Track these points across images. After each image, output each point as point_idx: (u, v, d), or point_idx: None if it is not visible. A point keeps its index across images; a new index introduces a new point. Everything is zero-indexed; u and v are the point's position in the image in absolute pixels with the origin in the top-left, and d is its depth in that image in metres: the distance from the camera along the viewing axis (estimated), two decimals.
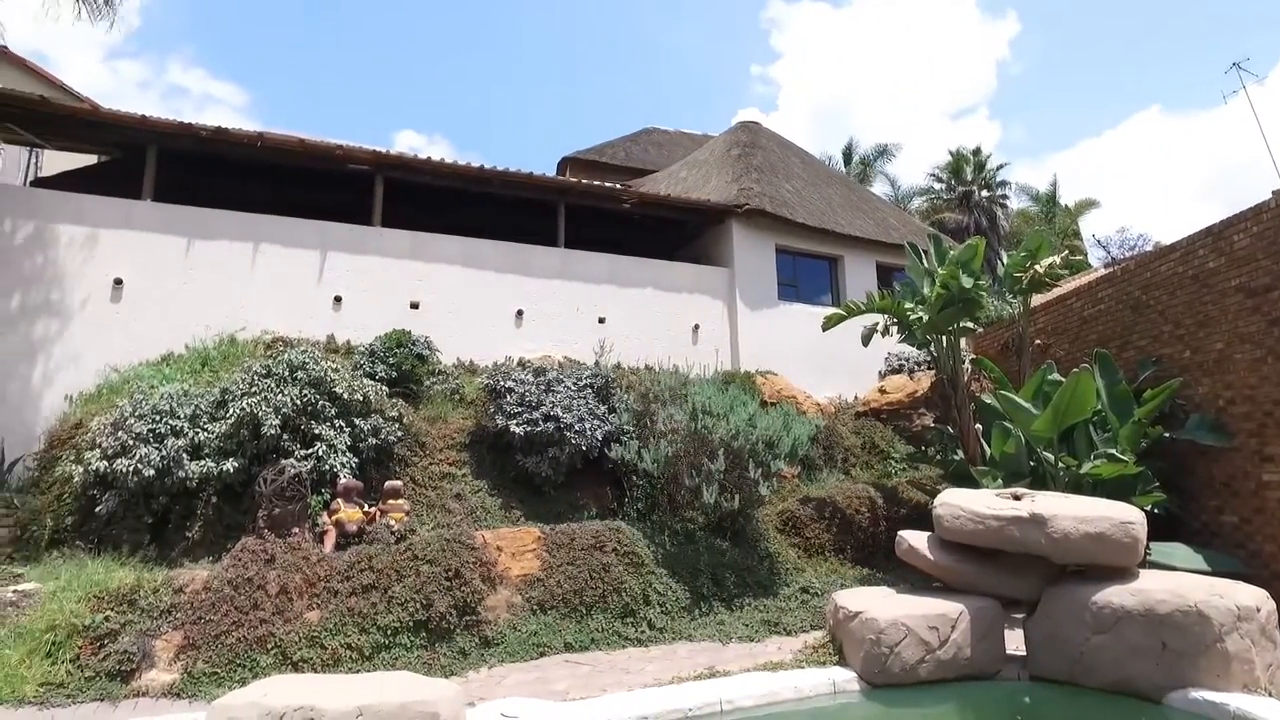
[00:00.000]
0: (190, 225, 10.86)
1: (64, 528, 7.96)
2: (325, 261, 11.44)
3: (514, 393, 9.58)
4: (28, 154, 14.23)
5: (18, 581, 6.99)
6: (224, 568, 6.90)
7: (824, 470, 11.52)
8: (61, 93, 14.76)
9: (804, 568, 9.33)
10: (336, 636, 6.62)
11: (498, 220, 13.43)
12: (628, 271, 13.45)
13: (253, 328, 10.68)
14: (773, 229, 14.57)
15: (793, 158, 17.44)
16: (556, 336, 12.39)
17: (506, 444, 9.46)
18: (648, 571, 8.14)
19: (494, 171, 12.66)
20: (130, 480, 7.61)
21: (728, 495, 8.81)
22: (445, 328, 11.43)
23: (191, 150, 11.40)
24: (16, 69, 13.19)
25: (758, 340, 13.89)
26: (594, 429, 9.43)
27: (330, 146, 11.91)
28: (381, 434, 8.78)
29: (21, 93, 10.46)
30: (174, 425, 8.02)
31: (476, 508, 8.98)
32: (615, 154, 22.11)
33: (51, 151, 13.54)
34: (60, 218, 10.31)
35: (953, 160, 30.86)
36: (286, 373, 8.54)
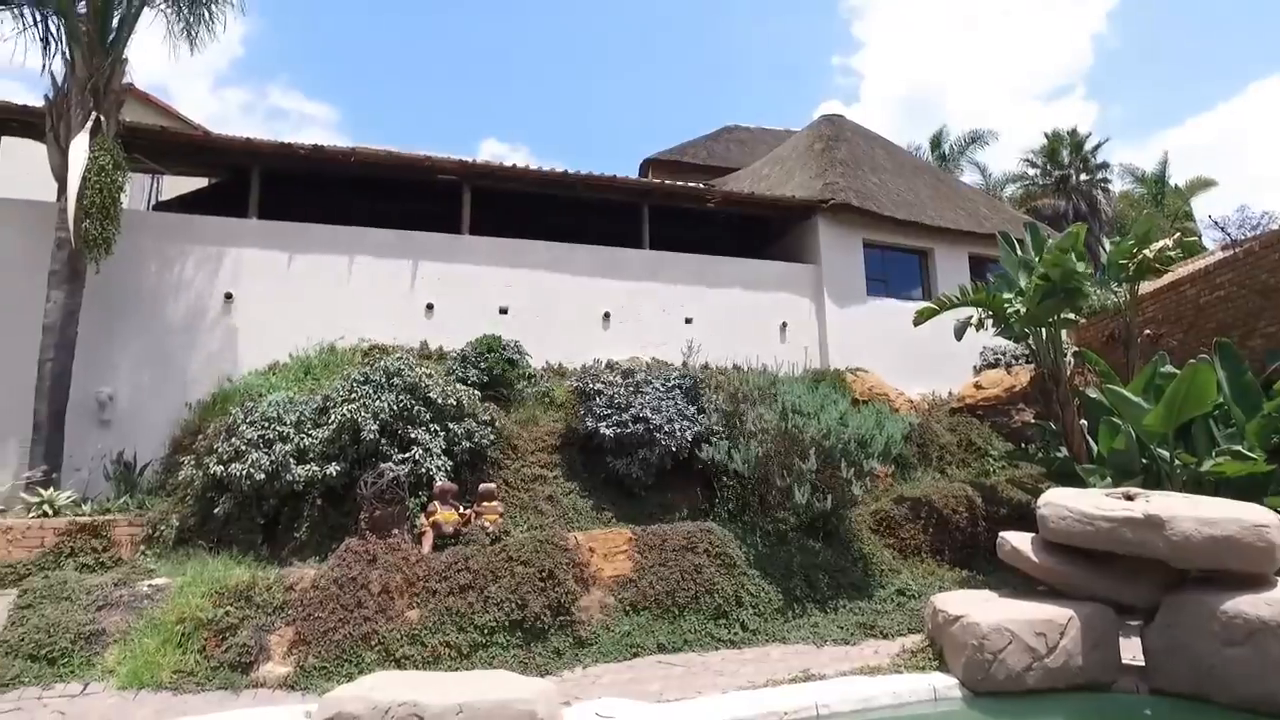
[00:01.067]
0: (291, 240, 11.42)
1: (187, 527, 8.49)
2: (417, 270, 11.84)
3: (603, 395, 9.69)
4: (150, 180, 15.25)
5: (151, 577, 7.53)
6: (330, 567, 7.23)
7: (918, 469, 11.21)
8: (177, 121, 15.76)
9: (899, 569, 9.10)
10: (436, 635, 6.83)
11: (583, 224, 13.60)
12: (713, 271, 13.40)
13: (350, 336, 11.14)
14: (859, 223, 14.27)
15: (878, 149, 17.02)
16: (644, 338, 12.46)
17: (597, 446, 9.57)
18: (740, 573, 8.10)
19: (578, 176, 12.83)
20: (243, 484, 8.07)
21: (820, 495, 8.68)
22: (534, 332, 11.65)
23: (291, 168, 12.00)
24: (140, 103, 14.15)
25: (847, 337, 13.63)
26: (683, 430, 9.44)
27: (419, 158, 12.33)
28: (475, 437, 9.02)
29: (146, 125, 11.27)
30: (281, 431, 8.44)
31: (568, 509, 9.13)
32: (697, 154, 22.05)
33: (169, 176, 14.47)
34: (178, 238, 11.02)
35: (1048, 143, 29.44)
36: (383, 379, 8.88)
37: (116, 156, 9.79)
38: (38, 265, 9.74)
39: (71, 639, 6.47)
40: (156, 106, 16.24)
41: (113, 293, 10.36)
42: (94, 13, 9.96)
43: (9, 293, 9.95)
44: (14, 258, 10.09)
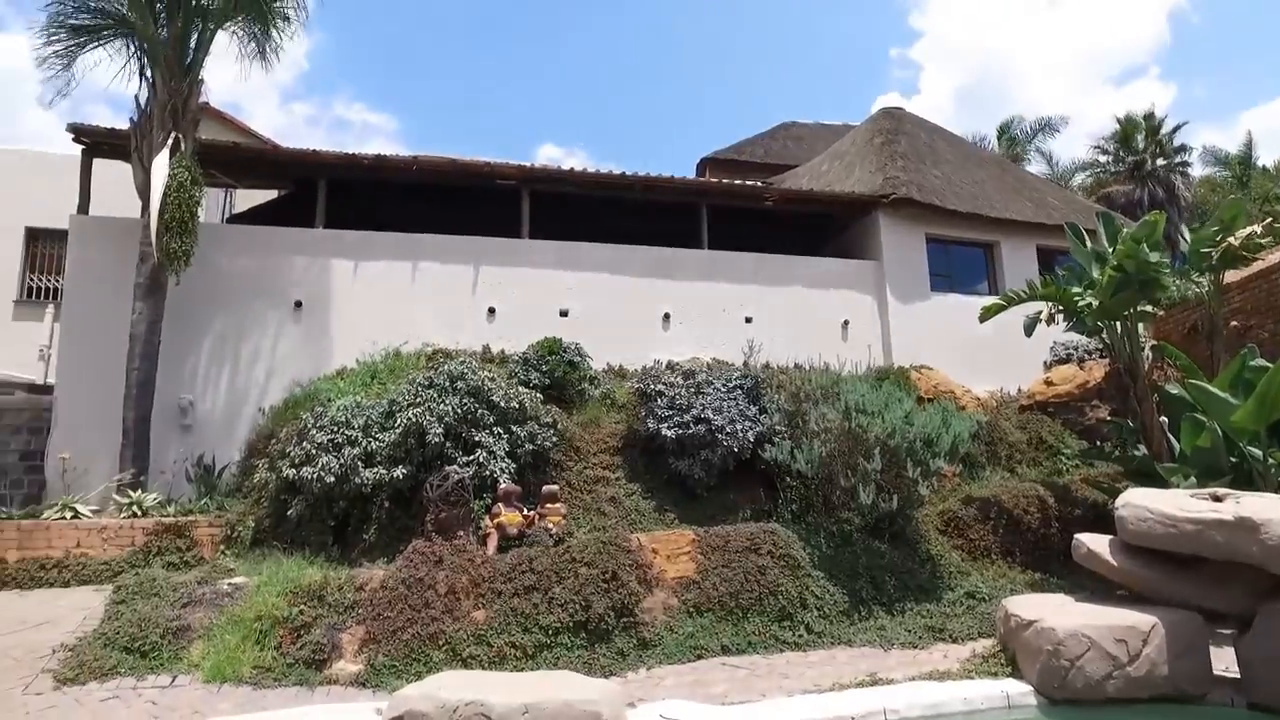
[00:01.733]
0: (357, 248, 11.74)
1: (263, 528, 8.82)
2: (478, 274, 12.04)
3: (664, 396, 9.71)
4: (224, 194, 15.90)
5: (230, 575, 7.83)
6: (397, 568, 7.38)
7: (987, 468, 10.91)
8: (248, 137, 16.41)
9: (969, 571, 8.88)
10: (501, 635, 6.91)
11: (641, 225, 13.64)
12: (773, 270, 13.29)
13: (415, 341, 11.38)
14: (922, 217, 13.97)
15: (940, 141, 16.63)
16: (704, 338, 12.43)
17: (659, 447, 9.58)
18: (804, 574, 8.01)
19: (635, 177, 12.89)
20: (314, 486, 8.33)
21: (885, 496, 8.53)
22: (594, 333, 11.71)
23: (355, 178, 12.34)
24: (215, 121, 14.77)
25: (910, 334, 13.36)
26: (745, 430, 9.38)
27: (478, 164, 12.55)
28: (537, 440, 9.12)
29: (221, 142, 11.78)
30: (349, 435, 8.67)
31: (631, 511, 9.17)
32: (754, 152, 21.89)
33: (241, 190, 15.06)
34: (251, 249, 11.46)
35: (1121, 128, 28.25)
36: (447, 383, 9.05)
37: (194, 173, 10.23)
38: (125, 279, 10.24)
39: (160, 633, 6.77)
40: (229, 123, 16.92)
41: (191, 303, 10.83)
42: (174, 39, 10.43)
43: (101, 306, 10.48)
44: (105, 272, 10.62)
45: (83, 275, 10.80)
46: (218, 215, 15.60)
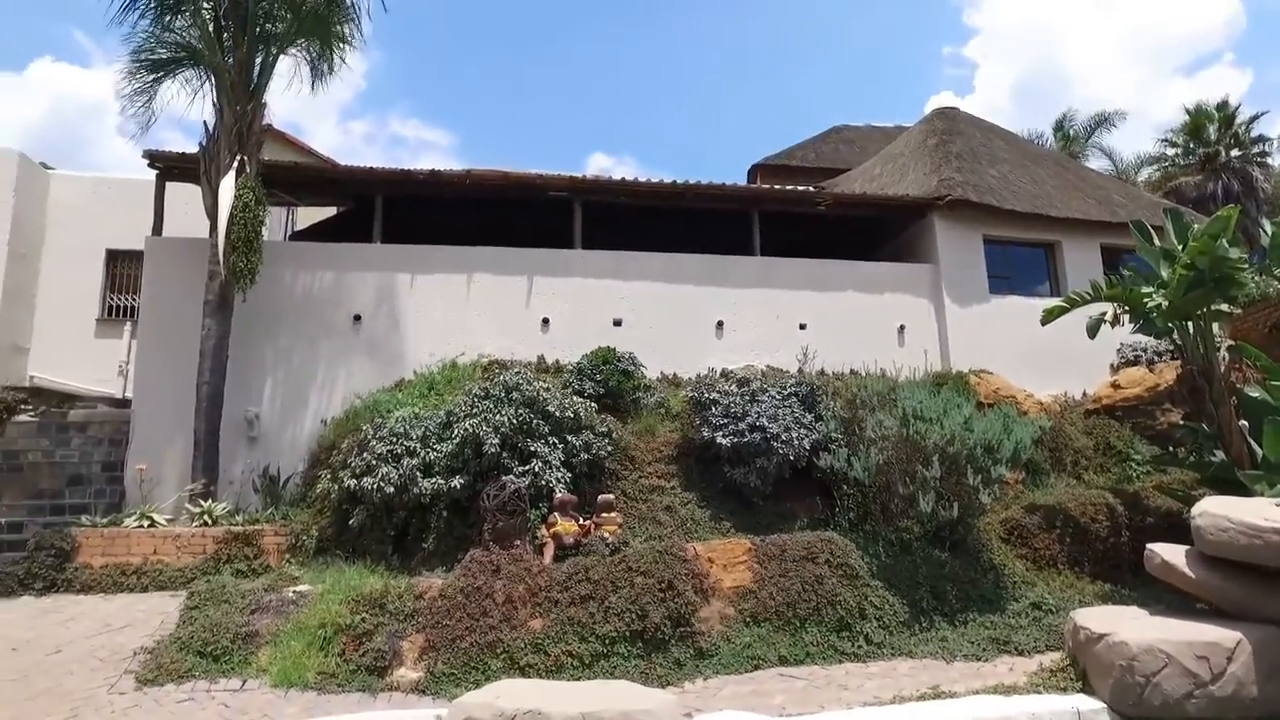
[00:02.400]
0: (413, 261, 12.00)
1: (326, 537, 9.06)
2: (532, 285, 12.19)
3: (719, 404, 9.67)
4: (286, 212, 16.44)
5: (295, 583, 8.07)
6: (456, 577, 7.49)
7: (1051, 475, 10.58)
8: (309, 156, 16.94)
9: (1034, 581, 8.60)
10: (558, 644, 6.93)
11: (693, 233, 13.66)
12: (826, 275, 13.15)
13: (470, 352, 11.57)
14: (978, 219, 13.67)
15: (996, 140, 16.28)
16: (758, 345, 12.36)
17: (714, 455, 9.55)
18: (862, 584, 7.87)
19: (686, 185, 12.91)
20: (375, 497, 8.52)
21: (945, 504, 8.34)
22: (648, 342, 11.75)
23: (411, 193, 12.62)
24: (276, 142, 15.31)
25: (968, 338, 13.06)
26: (800, 438, 9.29)
27: (531, 177, 12.73)
28: (592, 449, 9.16)
29: (283, 162, 12.22)
30: (408, 446, 8.85)
31: (686, 520, 9.14)
32: (805, 156, 21.73)
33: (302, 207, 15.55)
34: (312, 265, 11.81)
35: (1190, 119, 27.15)
36: (503, 394, 9.18)
37: (258, 193, 10.60)
38: (196, 296, 10.66)
39: (231, 639, 7.00)
40: (291, 144, 17.49)
41: (257, 318, 11.21)
42: (239, 65, 10.84)
43: (174, 322, 10.93)
44: (177, 291, 11.07)
45: (157, 294, 11.29)
46: (281, 233, 16.12)
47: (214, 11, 10.81)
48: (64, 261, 14.82)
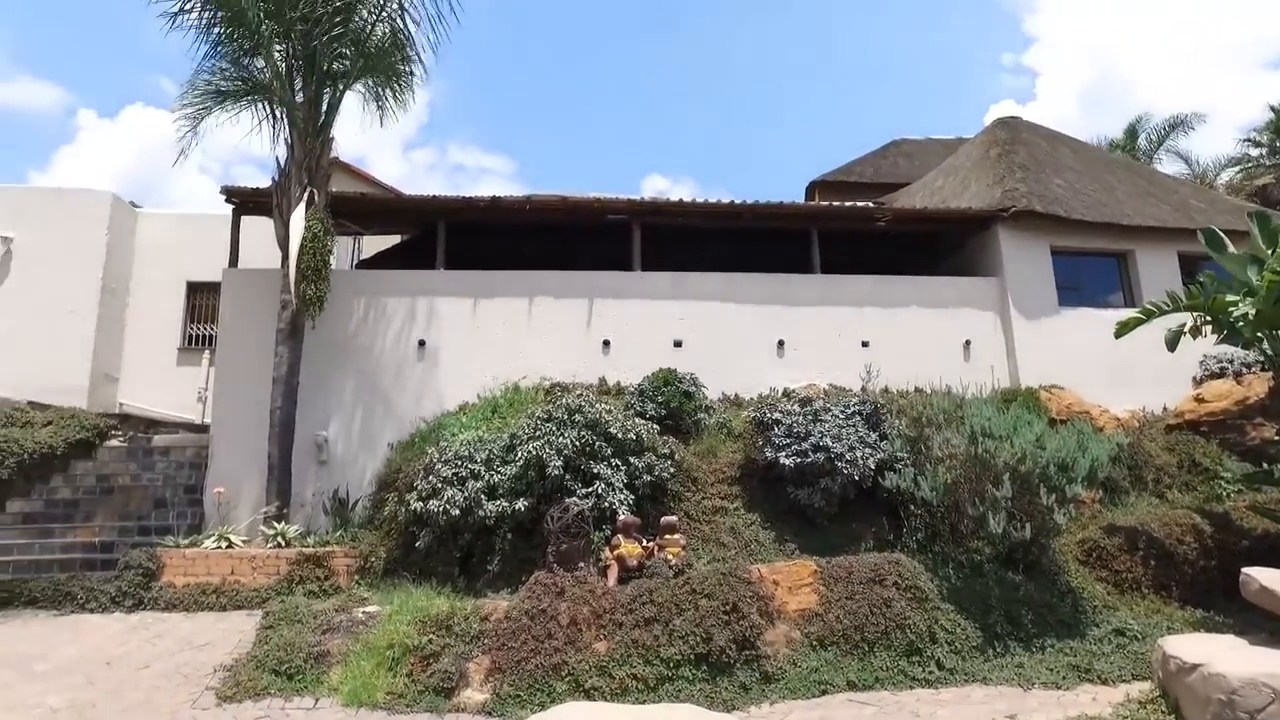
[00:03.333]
0: (475, 287, 12.23)
1: (393, 559, 9.25)
2: (592, 308, 12.30)
3: (781, 424, 9.59)
4: (352, 241, 16.99)
5: (364, 604, 8.24)
6: (520, 599, 7.54)
7: (1130, 493, 10.14)
8: (374, 187, 17.50)
9: (1116, 606, 8.24)
10: (623, 667, 6.92)
11: (751, 252, 13.61)
12: (888, 291, 12.94)
13: (532, 375, 11.71)
14: (1045, 229, 13.30)
15: (1062, 148, 15.84)
16: (819, 364, 12.20)
17: (777, 476, 9.45)
18: (932, 607, 7.66)
19: (744, 205, 12.90)
20: (440, 519, 8.67)
21: (1017, 524, 8.07)
22: (708, 363, 11.72)
23: (473, 220, 12.90)
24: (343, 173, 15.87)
25: (1038, 352, 12.66)
26: (865, 457, 9.13)
27: (589, 201, 12.89)
28: (655, 471, 9.16)
29: (349, 193, 12.64)
30: (473, 469, 8.99)
31: (750, 541, 9.05)
32: (864, 171, 21.51)
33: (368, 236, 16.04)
34: (378, 292, 12.12)
35: (1277, 116, 25.93)
36: (565, 416, 9.25)
37: (326, 224, 10.97)
38: (269, 325, 11.06)
39: (304, 658, 7.19)
40: (357, 175, 18.08)
41: (326, 345, 11.56)
42: (308, 102, 11.29)
43: (249, 350, 11.34)
44: (252, 320, 11.50)
45: (233, 323, 11.75)
46: (348, 261, 16.64)
47: (285, 53, 11.28)
48: (149, 294, 15.59)
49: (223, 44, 11.30)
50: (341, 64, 11.55)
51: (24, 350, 13.83)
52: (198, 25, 10.90)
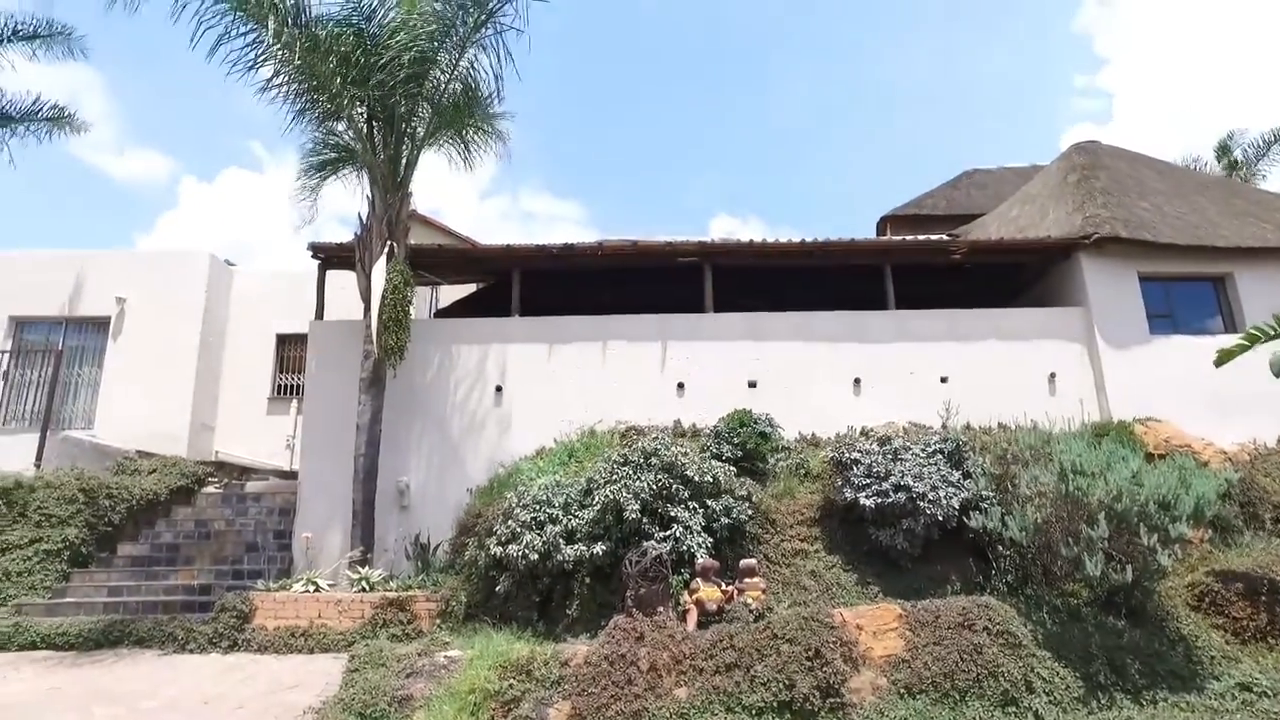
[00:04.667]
0: (549, 332, 12.46)
1: (474, 603, 9.33)
2: (666, 351, 12.36)
3: (860, 464, 9.40)
4: (430, 291, 17.58)
5: (446, 648, 8.32)
6: (600, 644, 7.49)
7: (1245, 533, 9.51)
8: (450, 238, 18.13)
9: (1237, 657, 7.66)
10: (704, 714, 6.79)
11: (823, 290, 13.51)
12: (966, 325, 12.63)
13: (607, 419, 11.80)
14: (1132, 255, 12.81)
15: (1145, 170, 15.28)
16: (897, 401, 11.95)
17: (857, 517, 9.25)
18: (1027, 654, 7.29)
19: (815, 244, 12.85)
20: (520, 563, 8.74)
21: (1116, 566, 7.64)
22: (783, 403, 11.61)
23: (546, 267, 13.20)
24: (421, 225, 16.53)
25: (1129, 383, 12.11)
26: (948, 497, 8.85)
27: (659, 244, 13.04)
28: (733, 513, 9.07)
29: (428, 246, 13.13)
30: (551, 514, 9.06)
31: (831, 584, 8.85)
32: (935, 204, 21.20)
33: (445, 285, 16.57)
34: (456, 340, 12.48)
35: None
36: (641, 460, 9.27)
37: (406, 276, 11.39)
38: (352, 374, 11.49)
39: (388, 702, 7.28)
40: (434, 227, 18.76)
41: (407, 393, 11.92)
42: (388, 160, 11.83)
43: (334, 399, 11.79)
44: (337, 369, 11.97)
45: (319, 373, 12.24)
46: (426, 311, 17.21)
47: (366, 115, 11.88)
48: (241, 347, 16.43)
49: (308, 109, 11.98)
50: (419, 123, 12.08)
51: (133, 402, 14.74)
52: (285, 94, 11.58)
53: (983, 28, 57.69)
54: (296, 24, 10.75)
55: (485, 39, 11.46)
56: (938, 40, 57.11)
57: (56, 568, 10.87)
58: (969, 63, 59.99)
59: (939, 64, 59.36)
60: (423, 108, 11.91)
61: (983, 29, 57.76)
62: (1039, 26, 58.74)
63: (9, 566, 10.61)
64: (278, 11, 10.53)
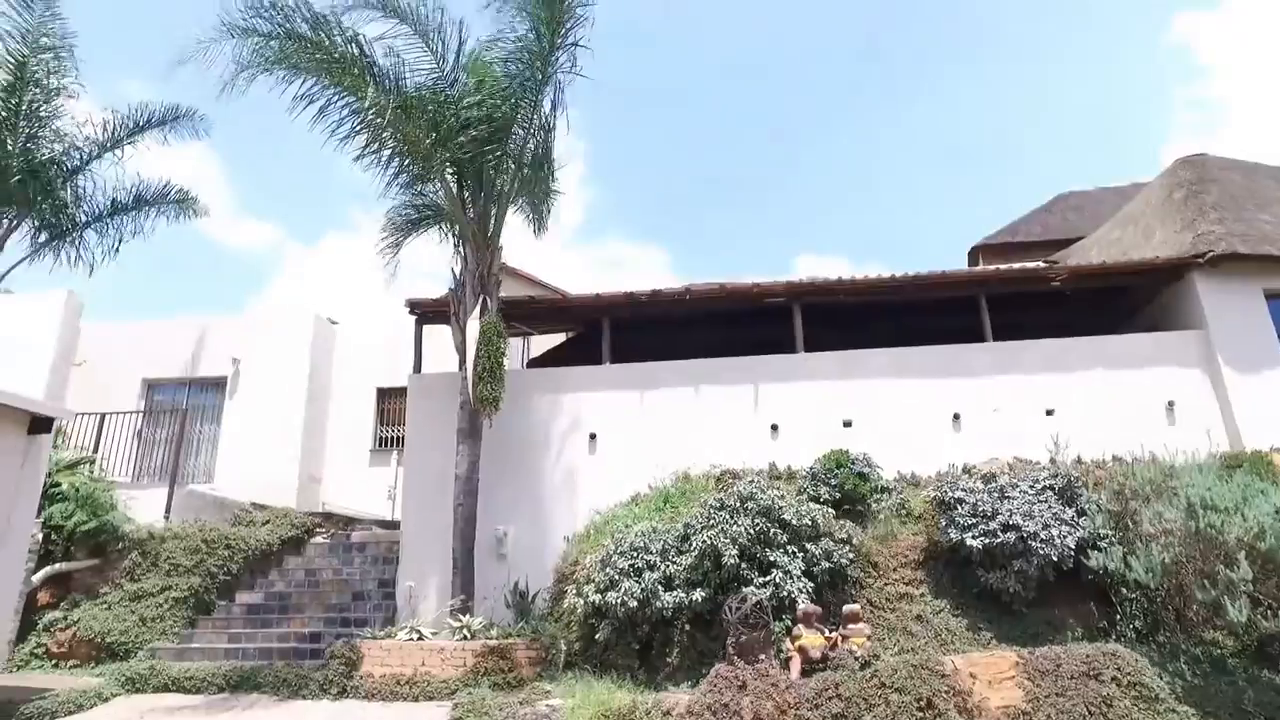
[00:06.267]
0: (640, 379, 12.54)
1: (573, 652, 9.34)
2: (758, 392, 12.24)
3: (964, 503, 9.04)
4: (522, 341, 18.03)
5: (547, 697, 8.34)
6: (702, 693, 7.36)
7: None
8: (539, 288, 18.57)
9: None
10: None
11: (914, 324, 13.19)
12: (1070, 355, 12.04)
13: (701, 463, 11.71)
14: (1254, 272, 12.03)
15: (1263, 180, 14.35)
16: (999, 436, 11.44)
17: (964, 559, 8.88)
18: (1166, 709, 6.77)
19: (905, 278, 12.59)
20: (619, 611, 8.72)
21: (1266, 611, 7.04)
22: (880, 441, 11.29)
23: (634, 314, 13.36)
24: (511, 278, 16.98)
25: (1261, 410, 11.25)
26: (1062, 536, 8.41)
27: (747, 286, 13.02)
28: (833, 557, 8.86)
29: (519, 298, 13.51)
30: (648, 560, 9.04)
31: (940, 630, 8.48)
32: (1029, 230, 20.51)
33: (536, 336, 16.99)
34: (548, 389, 12.70)
35: None
36: (738, 504, 9.16)
37: (499, 327, 11.70)
38: (450, 425, 11.81)
39: None
40: (524, 278, 19.28)
41: (503, 442, 12.13)
42: (478, 217, 12.28)
43: (433, 449, 12.11)
44: (435, 420, 12.31)
45: (419, 424, 12.64)
46: (519, 361, 17.62)
47: (456, 176, 12.40)
48: (345, 401, 17.21)
49: (402, 173, 12.60)
50: (504, 180, 12.54)
51: (248, 456, 15.61)
52: (380, 160, 12.22)
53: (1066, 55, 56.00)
54: (391, 91, 11.36)
55: (555, 97, 11.93)
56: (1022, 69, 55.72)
57: (183, 614, 11.53)
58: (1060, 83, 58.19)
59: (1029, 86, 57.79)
60: (506, 165, 12.36)
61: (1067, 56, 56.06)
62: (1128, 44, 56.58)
63: (145, 613, 11.34)
64: (376, 80, 11.17)
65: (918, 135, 59.74)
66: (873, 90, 58.32)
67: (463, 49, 11.97)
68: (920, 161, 61.42)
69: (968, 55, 55.22)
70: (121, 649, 10.90)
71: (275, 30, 10.58)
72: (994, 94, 56.89)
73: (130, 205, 15.93)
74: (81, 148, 15.33)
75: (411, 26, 11.64)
